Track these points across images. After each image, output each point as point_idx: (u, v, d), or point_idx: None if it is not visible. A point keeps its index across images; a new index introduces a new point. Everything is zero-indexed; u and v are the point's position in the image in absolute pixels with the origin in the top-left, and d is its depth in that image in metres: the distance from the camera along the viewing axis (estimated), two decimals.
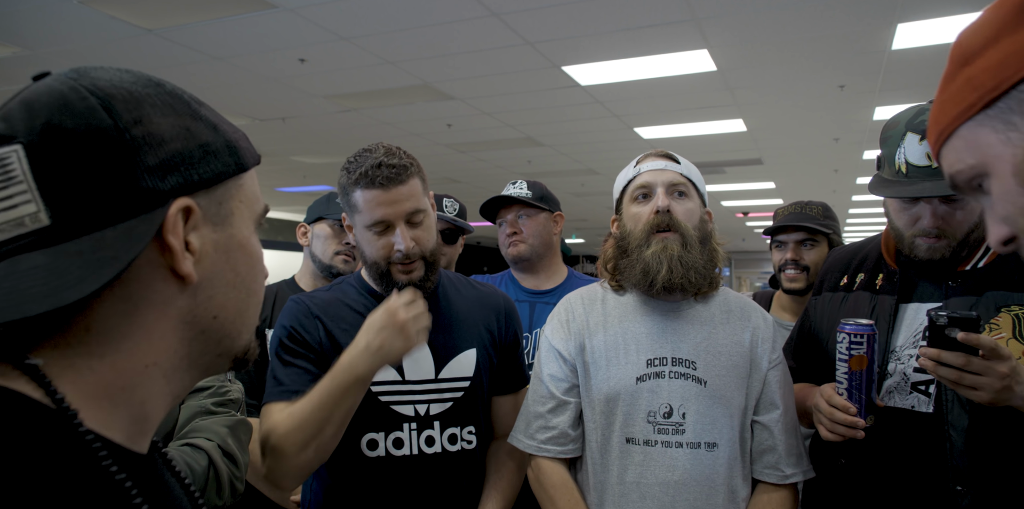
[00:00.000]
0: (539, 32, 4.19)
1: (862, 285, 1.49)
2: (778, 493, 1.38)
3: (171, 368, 0.59)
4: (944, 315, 1.14)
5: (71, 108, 0.53)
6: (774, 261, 2.36)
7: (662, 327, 1.43)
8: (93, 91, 0.54)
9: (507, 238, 2.21)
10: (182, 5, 3.79)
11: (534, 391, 1.48)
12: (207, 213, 0.59)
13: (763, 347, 1.44)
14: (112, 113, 0.53)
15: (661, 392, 1.37)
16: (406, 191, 1.39)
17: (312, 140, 7.18)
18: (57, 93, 0.54)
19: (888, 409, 1.34)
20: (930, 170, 1.27)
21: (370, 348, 1.25)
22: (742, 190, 10.72)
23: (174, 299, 0.57)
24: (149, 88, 0.58)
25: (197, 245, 0.58)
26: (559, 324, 1.50)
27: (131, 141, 0.53)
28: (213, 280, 0.59)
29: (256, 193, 0.66)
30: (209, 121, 0.61)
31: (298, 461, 1.27)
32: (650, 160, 1.49)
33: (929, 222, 1.31)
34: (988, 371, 1.11)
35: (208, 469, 1.12)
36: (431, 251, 1.45)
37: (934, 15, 3.90)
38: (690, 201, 1.45)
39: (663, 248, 1.38)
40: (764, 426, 1.41)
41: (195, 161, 0.58)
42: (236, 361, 0.65)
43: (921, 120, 1.29)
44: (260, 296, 0.66)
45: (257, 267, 0.65)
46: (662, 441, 1.35)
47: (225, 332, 0.62)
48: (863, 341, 1.26)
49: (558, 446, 1.42)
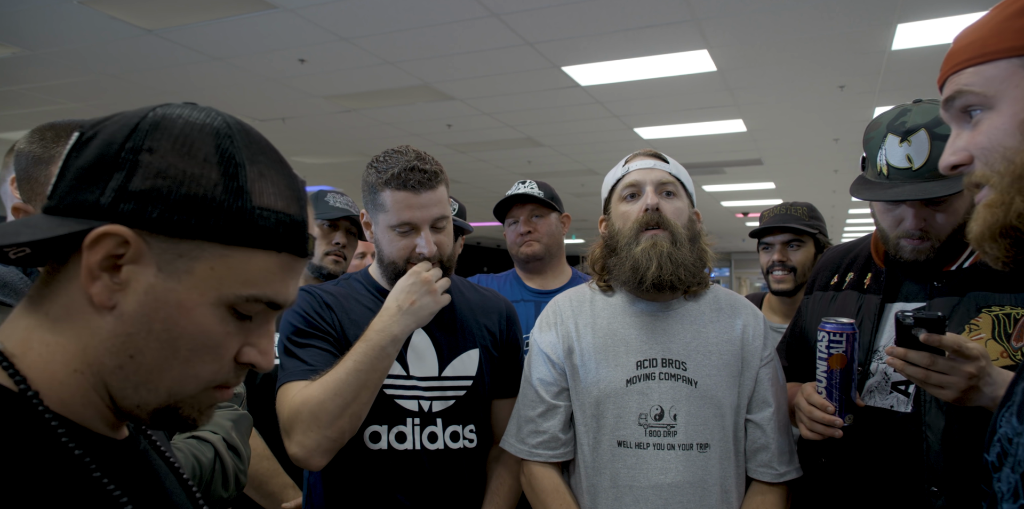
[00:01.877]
0: (539, 32, 4.19)
1: (851, 284, 1.49)
2: (772, 492, 1.38)
3: (98, 385, 0.60)
4: (910, 315, 1.14)
5: (119, 121, 0.60)
6: (762, 263, 2.37)
7: (651, 328, 1.42)
8: (149, 116, 0.60)
9: (520, 237, 2.20)
10: (182, 5, 3.79)
11: (524, 395, 1.49)
12: (158, 256, 0.58)
13: (754, 344, 1.43)
14: (132, 135, 0.59)
15: (652, 394, 1.36)
16: (435, 197, 1.42)
17: (312, 140, 7.18)
18: (137, 110, 0.62)
19: (868, 408, 1.34)
20: (910, 172, 1.27)
21: (402, 308, 1.34)
22: (742, 190, 10.72)
23: (92, 316, 0.59)
24: (202, 133, 0.60)
25: (125, 277, 0.58)
26: (547, 326, 1.50)
27: (122, 160, 0.58)
28: (136, 320, 0.58)
29: (247, 278, 0.60)
30: (240, 185, 0.59)
31: (332, 432, 1.28)
32: (639, 159, 1.49)
33: (912, 224, 1.31)
34: (953, 371, 1.11)
35: (214, 461, 1.14)
36: (449, 256, 1.48)
37: (934, 15, 3.90)
38: (679, 200, 1.45)
39: (652, 245, 1.37)
40: (757, 424, 1.40)
41: (168, 204, 0.57)
42: (155, 415, 0.62)
43: (902, 121, 1.29)
44: (195, 369, 0.61)
45: (197, 339, 0.60)
46: (654, 443, 1.34)
47: (141, 379, 0.60)
48: (842, 340, 1.26)
49: (549, 450, 1.41)
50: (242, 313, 0.62)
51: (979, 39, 0.67)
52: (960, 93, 0.68)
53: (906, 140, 1.27)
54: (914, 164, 1.27)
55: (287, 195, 0.63)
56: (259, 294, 0.61)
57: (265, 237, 0.60)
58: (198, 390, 0.62)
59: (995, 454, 0.74)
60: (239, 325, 0.62)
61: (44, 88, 5.37)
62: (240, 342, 0.63)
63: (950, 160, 0.71)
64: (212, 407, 0.65)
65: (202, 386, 0.62)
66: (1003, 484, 0.71)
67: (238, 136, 0.61)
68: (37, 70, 4.89)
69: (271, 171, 0.62)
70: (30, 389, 0.57)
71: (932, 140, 1.25)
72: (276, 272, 0.62)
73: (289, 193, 0.63)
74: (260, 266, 0.61)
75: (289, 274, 0.64)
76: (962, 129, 0.71)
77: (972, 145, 0.68)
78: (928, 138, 1.25)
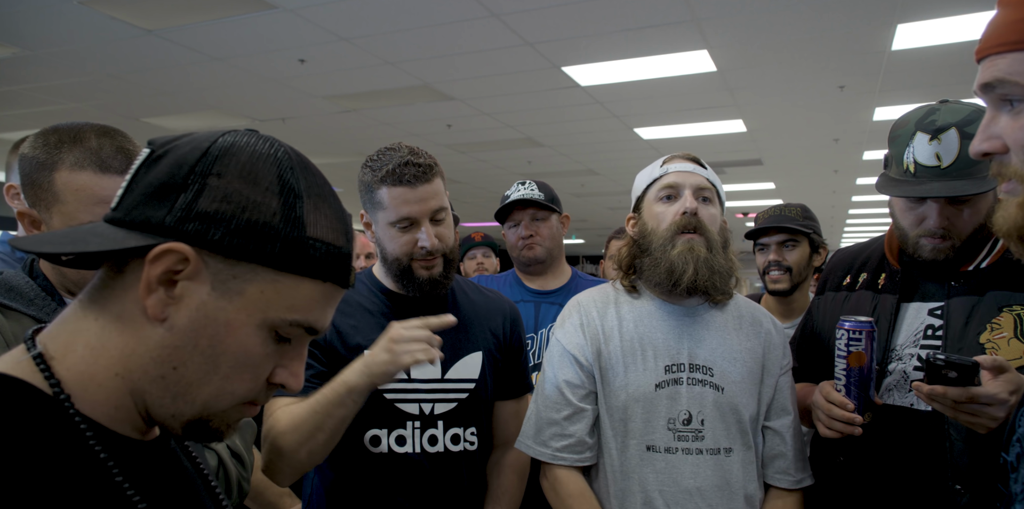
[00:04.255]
0: (539, 33, 4.19)
1: (864, 284, 1.49)
2: (791, 497, 1.39)
3: (136, 392, 0.62)
4: (942, 359, 1.11)
5: (190, 144, 0.64)
6: (758, 264, 2.39)
7: (678, 332, 1.41)
8: (219, 141, 0.63)
9: (522, 240, 2.20)
10: (182, 5, 3.79)
11: (547, 397, 1.43)
12: (214, 276, 0.61)
13: (775, 353, 1.44)
14: (202, 159, 0.62)
15: (680, 399, 1.36)
16: (431, 190, 1.42)
17: (312, 141, 7.18)
18: (207, 134, 0.65)
19: (887, 407, 1.34)
20: (938, 170, 1.27)
21: (365, 362, 1.27)
22: (742, 190, 10.72)
23: (143, 325, 0.61)
24: (266, 162, 0.63)
25: (179, 292, 0.60)
26: (573, 328, 1.46)
27: (191, 183, 0.61)
28: (184, 333, 0.61)
29: (293, 303, 0.63)
30: (298, 215, 0.62)
31: (291, 460, 1.29)
32: (678, 161, 1.48)
33: (935, 222, 1.31)
34: (982, 414, 1.11)
35: (218, 469, 1.14)
36: (451, 248, 1.48)
37: (934, 16, 3.90)
38: (714, 207, 1.45)
39: (689, 249, 1.37)
40: (776, 431, 1.41)
41: (230, 227, 0.60)
42: (188, 427, 0.64)
43: (931, 120, 1.29)
44: (232, 385, 0.63)
45: (239, 357, 0.62)
46: (683, 448, 1.34)
47: (180, 391, 0.62)
48: (862, 338, 1.26)
49: (575, 455, 1.39)
50: (282, 336, 0.65)
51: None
52: (1002, 82, 0.66)
53: (936, 138, 1.27)
54: (943, 162, 1.27)
55: (337, 228, 0.66)
56: (301, 320, 0.64)
57: (315, 266, 0.63)
58: (231, 405, 0.65)
59: (1014, 454, 0.73)
60: (277, 347, 0.65)
61: (44, 88, 5.37)
62: (274, 363, 0.66)
63: (983, 147, 0.69)
64: (239, 422, 0.68)
65: (236, 402, 0.65)
66: (1019, 485, 0.70)
67: (298, 168, 0.64)
68: (37, 70, 4.89)
69: (324, 204, 0.65)
70: (63, 392, 0.59)
71: (962, 139, 1.25)
72: (319, 300, 0.65)
73: (339, 226, 0.67)
74: (306, 294, 0.64)
75: (330, 303, 0.67)
76: (999, 112, 0.69)
77: (1011, 138, 0.66)
78: (958, 137, 1.25)
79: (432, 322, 1.28)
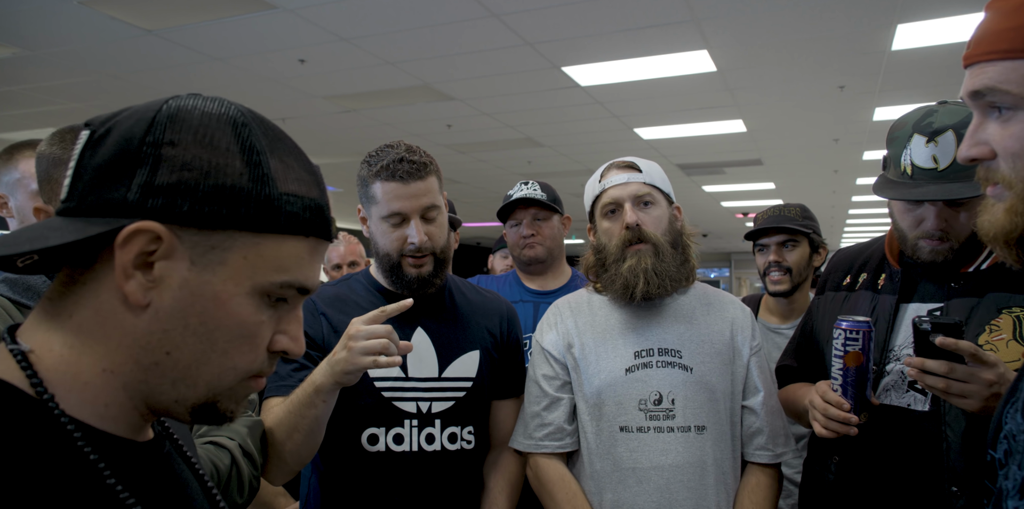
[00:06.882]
0: (539, 33, 4.19)
1: (864, 285, 1.49)
2: (765, 473, 1.46)
3: (130, 384, 0.59)
4: (927, 320, 1.14)
5: (133, 116, 0.59)
6: (758, 265, 2.39)
7: (647, 321, 1.50)
8: (163, 109, 0.59)
9: (524, 240, 2.21)
10: (182, 5, 3.79)
11: (528, 393, 1.54)
12: (191, 250, 0.57)
13: (743, 335, 1.52)
14: (150, 129, 0.57)
15: (650, 381, 1.43)
16: (424, 187, 1.44)
17: (312, 141, 7.18)
18: (148, 104, 0.60)
19: (884, 407, 1.34)
20: (935, 173, 1.27)
21: (328, 361, 1.25)
22: (742, 190, 10.72)
23: (125, 315, 0.58)
24: (220, 122, 0.59)
25: (158, 274, 0.57)
26: (547, 327, 1.57)
27: (145, 156, 0.57)
28: (172, 315, 0.58)
29: (279, 264, 0.60)
30: (265, 173, 0.59)
31: (277, 461, 1.30)
32: (613, 174, 1.54)
33: (933, 224, 1.31)
34: (973, 378, 1.11)
35: (231, 467, 1.15)
36: (442, 248, 1.49)
37: (934, 16, 3.90)
38: (657, 208, 1.51)
39: (638, 261, 1.45)
40: (750, 409, 1.48)
41: (197, 196, 0.56)
42: (195, 411, 0.62)
43: (928, 122, 1.29)
44: (232, 360, 0.61)
45: (234, 330, 0.60)
46: (654, 427, 1.41)
47: (179, 375, 0.59)
48: (859, 337, 1.26)
49: (555, 441, 1.47)
50: (278, 297, 0.62)
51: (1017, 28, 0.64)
52: (992, 90, 0.65)
53: (933, 140, 1.27)
54: (940, 165, 1.27)
55: (308, 180, 0.63)
56: (291, 280, 0.61)
57: (294, 223, 0.60)
58: (236, 381, 0.62)
59: (1002, 451, 0.74)
60: (272, 313, 0.62)
61: (44, 88, 5.37)
62: (272, 330, 0.63)
63: (971, 153, 0.69)
64: (247, 398, 0.65)
65: (240, 377, 0.62)
66: (1009, 481, 0.70)
67: (254, 124, 0.61)
68: (37, 70, 4.89)
69: (290, 157, 0.62)
70: (47, 392, 0.56)
71: (959, 141, 1.24)
72: (305, 257, 0.62)
73: (310, 178, 0.63)
74: (290, 252, 0.61)
75: (316, 258, 0.64)
76: (986, 118, 0.68)
77: (999, 145, 0.66)
78: (955, 139, 1.25)
79: (389, 309, 1.27)
